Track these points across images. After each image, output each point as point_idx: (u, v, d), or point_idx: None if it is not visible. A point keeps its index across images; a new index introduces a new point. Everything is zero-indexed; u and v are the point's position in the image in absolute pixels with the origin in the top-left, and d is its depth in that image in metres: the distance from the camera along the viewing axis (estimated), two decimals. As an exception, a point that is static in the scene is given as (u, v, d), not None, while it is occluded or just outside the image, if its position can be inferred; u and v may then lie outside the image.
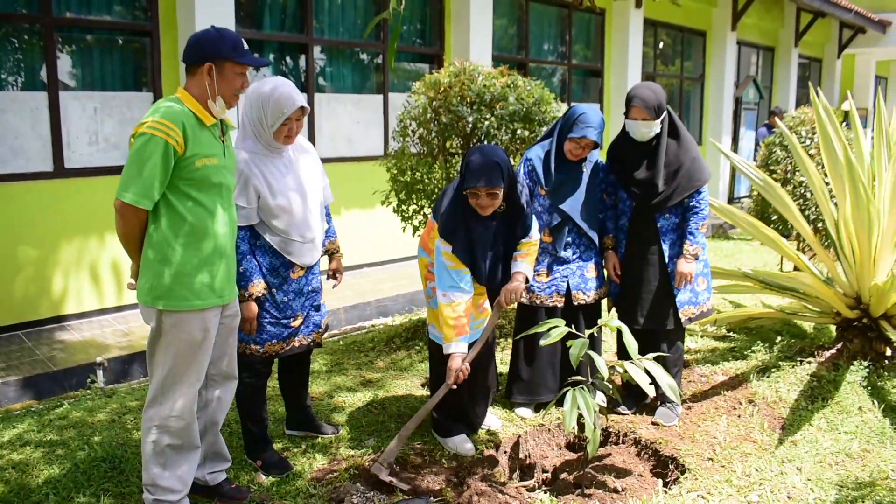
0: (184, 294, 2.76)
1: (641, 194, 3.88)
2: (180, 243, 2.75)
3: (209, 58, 2.74)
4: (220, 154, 2.85)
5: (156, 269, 2.75)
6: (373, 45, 8.18)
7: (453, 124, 4.79)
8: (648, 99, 3.75)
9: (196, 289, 2.78)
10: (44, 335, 5.64)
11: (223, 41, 2.76)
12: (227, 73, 2.77)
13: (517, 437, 3.82)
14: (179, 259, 2.75)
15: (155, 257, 2.75)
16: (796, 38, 16.23)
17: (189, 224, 2.75)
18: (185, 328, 2.79)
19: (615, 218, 4.08)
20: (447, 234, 3.35)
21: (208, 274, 2.81)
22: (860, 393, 4.23)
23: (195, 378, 2.88)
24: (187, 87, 2.80)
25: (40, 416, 4.08)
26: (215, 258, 2.83)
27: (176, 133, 2.66)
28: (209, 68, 2.75)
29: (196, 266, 2.77)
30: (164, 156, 2.64)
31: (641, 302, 3.95)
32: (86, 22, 6.02)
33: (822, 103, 4.64)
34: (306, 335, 3.47)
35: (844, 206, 4.45)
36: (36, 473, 3.35)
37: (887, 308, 4.43)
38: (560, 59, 10.87)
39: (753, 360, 4.78)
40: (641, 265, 3.95)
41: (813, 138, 6.83)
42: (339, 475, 3.33)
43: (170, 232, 2.74)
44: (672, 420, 3.95)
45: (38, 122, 5.79)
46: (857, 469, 3.49)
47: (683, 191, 3.84)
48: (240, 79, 2.82)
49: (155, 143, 2.63)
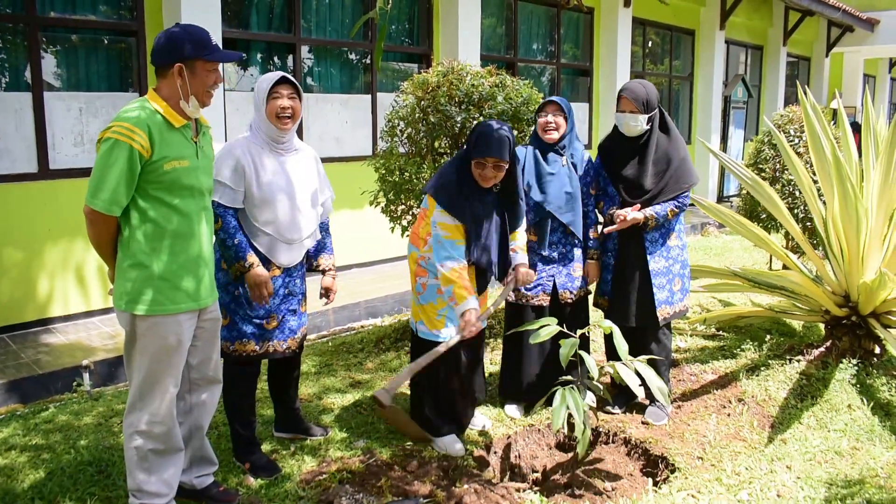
0: (155, 298, 2.73)
1: (628, 191, 3.89)
2: (151, 247, 2.72)
3: (178, 58, 2.69)
4: (191, 156, 2.79)
5: (127, 273, 2.73)
6: (361, 45, 8.16)
7: (442, 124, 4.77)
8: (637, 91, 3.81)
9: (168, 292, 2.75)
10: (29, 338, 5.59)
11: (191, 40, 2.71)
12: (199, 72, 2.73)
13: (508, 437, 3.80)
14: (151, 263, 2.72)
15: (127, 262, 2.73)
16: (785, 37, 16.29)
17: (160, 228, 2.73)
18: (158, 332, 2.76)
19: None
20: (448, 202, 3.44)
21: (181, 277, 2.78)
22: (849, 391, 4.23)
23: (172, 382, 2.84)
24: (158, 88, 2.75)
25: (26, 420, 4.03)
26: (189, 261, 2.80)
27: (141, 137, 2.61)
28: (179, 69, 2.70)
29: (168, 269, 2.75)
30: (129, 161, 2.60)
31: (629, 300, 3.95)
32: (71, 21, 5.97)
33: (810, 102, 4.65)
34: (281, 340, 3.42)
35: (833, 204, 4.46)
36: (21, 478, 3.31)
37: (876, 306, 4.44)
38: (549, 59, 10.86)
39: (743, 359, 4.78)
40: (627, 262, 3.96)
41: (801, 137, 6.84)
42: (328, 477, 3.31)
43: (141, 236, 2.72)
44: (662, 419, 3.95)
45: (22, 122, 5.73)
46: (846, 467, 3.50)
47: (670, 191, 3.86)
48: (212, 75, 2.77)
49: (119, 148, 2.60)
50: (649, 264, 3.91)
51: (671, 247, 3.97)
